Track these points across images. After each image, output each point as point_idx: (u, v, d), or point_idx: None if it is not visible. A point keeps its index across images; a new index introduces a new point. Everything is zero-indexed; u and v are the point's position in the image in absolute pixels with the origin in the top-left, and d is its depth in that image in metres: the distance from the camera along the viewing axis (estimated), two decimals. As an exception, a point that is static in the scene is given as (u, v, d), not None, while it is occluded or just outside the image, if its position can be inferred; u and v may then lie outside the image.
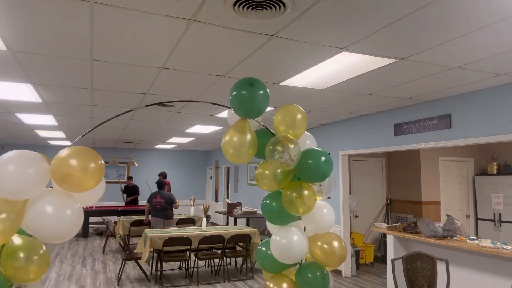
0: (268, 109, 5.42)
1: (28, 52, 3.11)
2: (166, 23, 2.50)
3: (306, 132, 2.46)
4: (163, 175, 10.49)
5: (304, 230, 2.39)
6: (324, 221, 2.27)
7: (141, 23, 2.51)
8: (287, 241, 2.19)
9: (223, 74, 3.70)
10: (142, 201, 12.00)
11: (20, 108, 5.59)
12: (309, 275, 2.25)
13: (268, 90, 2.22)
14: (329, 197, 6.65)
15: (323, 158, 2.15)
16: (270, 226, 2.51)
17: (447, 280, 3.58)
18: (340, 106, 5.25)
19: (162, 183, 7.26)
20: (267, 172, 2.27)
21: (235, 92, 2.13)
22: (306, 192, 2.13)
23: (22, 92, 4.51)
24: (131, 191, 10.95)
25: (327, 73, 3.66)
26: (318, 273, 2.26)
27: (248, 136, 2.20)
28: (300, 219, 2.39)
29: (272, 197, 2.33)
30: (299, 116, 2.30)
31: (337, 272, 6.33)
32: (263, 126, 2.38)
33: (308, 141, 2.49)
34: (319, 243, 2.26)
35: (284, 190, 2.21)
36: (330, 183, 2.45)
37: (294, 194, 2.12)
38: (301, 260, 2.41)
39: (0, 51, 3.08)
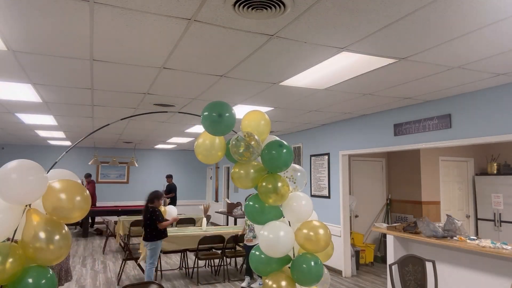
0: (268, 109, 5.43)
1: (28, 52, 3.11)
2: (166, 23, 2.50)
3: (273, 136, 2.70)
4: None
5: (290, 225, 2.54)
6: (302, 210, 2.47)
7: (141, 23, 2.51)
8: (274, 235, 2.37)
9: (223, 74, 3.70)
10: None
11: (20, 108, 5.59)
12: (303, 265, 2.36)
13: (234, 113, 2.46)
14: (329, 197, 6.66)
15: (284, 149, 2.40)
16: (256, 227, 2.66)
17: (435, 281, 3.57)
18: (340, 106, 5.25)
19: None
20: (242, 171, 2.50)
21: (206, 113, 2.38)
22: (279, 184, 2.37)
23: (22, 92, 4.51)
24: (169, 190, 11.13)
25: (327, 73, 3.66)
26: (311, 262, 2.36)
27: (217, 140, 2.51)
28: (283, 217, 2.56)
29: (254, 198, 2.54)
30: (262, 122, 2.58)
31: (337, 272, 6.33)
32: (233, 131, 2.55)
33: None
34: (304, 231, 2.42)
35: (260, 182, 2.44)
36: (302, 176, 2.68)
37: (269, 185, 2.36)
38: (293, 255, 2.50)
39: (0, 51, 3.08)
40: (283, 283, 2.39)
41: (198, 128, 7.64)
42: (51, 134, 8.66)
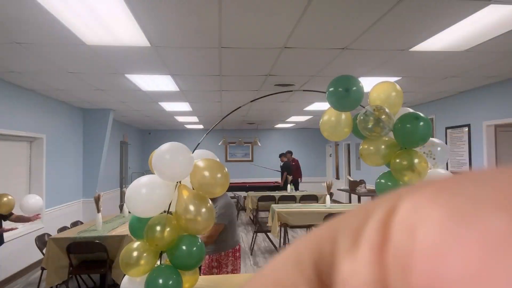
0: (395, 79, 5.03)
1: (167, 46, 3.50)
2: (288, 1, 2.50)
3: (407, 108, 2.44)
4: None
5: None
6: None
7: (265, 5, 2.55)
8: None
9: (345, 46, 3.54)
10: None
11: (162, 97, 6.40)
12: None
13: (362, 87, 2.30)
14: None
15: (420, 122, 2.17)
16: None
17: None
18: (484, 69, 4.52)
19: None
20: (371, 148, 2.35)
21: (332, 89, 2.28)
22: (416, 160, 2.16)
23: (163, 83, 5.15)
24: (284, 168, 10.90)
25: (468, 32, 3.17)
26: None
27: (343, 116, 2.41)
28: None
29: (386, 176, 2.38)
30: (393, 93, 2.35)
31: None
32: (360, 105, 2.37)
33: None
34: None
35: (393, 159, 2.25)
36: (442, 151, 2.39)
37: (404, 162, 2.17)
38: None
39: (145, 47, 3.54)
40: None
41: (317, 106, 7.57)
42: (187, 119, 9.73)
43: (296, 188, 10.37)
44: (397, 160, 2.24)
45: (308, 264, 0.14)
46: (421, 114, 2.23)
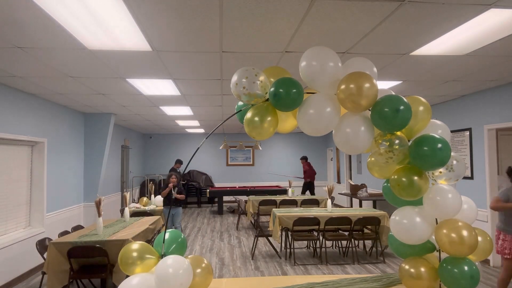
0: (395, 83, 5.03)
1: (168, 50, 3.51)
2: (289, 4, 2.50)
3: (437, 122, 2.30)
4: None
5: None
6: (446, 206, 2.11)
7: (266, 9, 2.56)
8: (408, 221, 2.18)
9: (345, 51, 3.55)
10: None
11: (163, 101, 6.41)
12: (455, 270, 2.07)
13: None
14: (472, 178, 5.88)
15: (439, 145, 2.00)
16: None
17: None
18: (485, 73, 4.52)
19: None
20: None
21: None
22: (415, 178, 2.07)
23: (164, 87, 5.16)
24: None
25: (469, 36, 3.17)
26: (466, 268, 2.05)
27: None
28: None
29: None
30: (421, 108, 2.18)
31: (485, 262, 5.60)
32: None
33: (439, 131, 2.27)
34: (444, 231, 2.09)
35: (393, 174, 2.16)
36: (459, 165, 2.22)
37: (403, 179, 2.08)
38: (436, 247, 2.25)
39: (147, 52, 3.55)
40: (422, 270, 2.21)
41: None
42: (188, 123, 9.74)
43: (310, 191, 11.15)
44: (395, 176, 2.13)
45: None
46: (438, 136, 2.05)
